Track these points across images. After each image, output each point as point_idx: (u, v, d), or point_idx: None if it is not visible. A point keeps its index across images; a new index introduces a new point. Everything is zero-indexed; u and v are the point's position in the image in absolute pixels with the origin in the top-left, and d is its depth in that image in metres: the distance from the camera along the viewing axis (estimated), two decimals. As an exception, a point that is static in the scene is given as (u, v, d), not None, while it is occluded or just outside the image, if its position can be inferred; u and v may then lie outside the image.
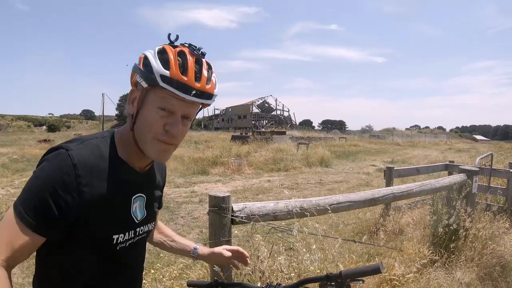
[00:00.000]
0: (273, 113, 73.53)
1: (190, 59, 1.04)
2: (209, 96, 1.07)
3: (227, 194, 2.49)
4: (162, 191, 1.41)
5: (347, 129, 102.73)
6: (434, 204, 4.55)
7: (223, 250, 1.49)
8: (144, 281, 3.48)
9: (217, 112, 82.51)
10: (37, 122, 69.45)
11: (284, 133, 32.84)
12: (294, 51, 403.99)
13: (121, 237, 1.15)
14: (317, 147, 20.94)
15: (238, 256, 1.51)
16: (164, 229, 1.58)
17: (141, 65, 1.05)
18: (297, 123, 78.75)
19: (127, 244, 1.19)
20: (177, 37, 1.08)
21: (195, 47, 1.07)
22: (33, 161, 13.56)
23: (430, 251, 4.11)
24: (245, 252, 1.51)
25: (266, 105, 74.87)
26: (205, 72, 1.06)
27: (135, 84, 1.09)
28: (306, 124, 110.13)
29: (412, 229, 5.13)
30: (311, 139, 29.99)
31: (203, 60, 1.07)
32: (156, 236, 1.54)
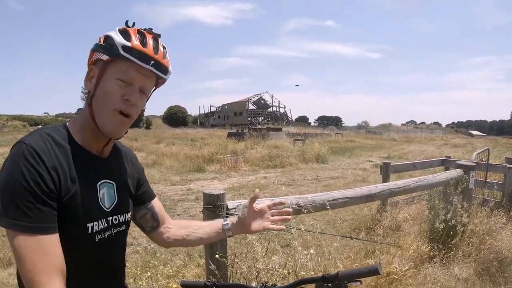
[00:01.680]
0: (269, 109, 73.63)
1: (149, 36, 1.12)
2: (165, 70, 1.14)
3: (221, 192, 2.46)
4: (139, 180, 1.38)
5: (343, 125, 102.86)
6: (431, 199, 4.54)
7: (249, 200, 1.41)
8: (140, 282, 3.45)
9: (213, 109, 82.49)
10: (32, 121, 69.05)
11: (280, 129, 32.81)
12: (290, 47, 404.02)
13: (96, 225, 1.13)
14: (313, 143, 20.89)
15: (275, 213, 1.47)
16: (187, 223, 1.53)
17: (102, 41, 1.11)
18: (293, 120, 78.82)
19: (105, 235, 1.17)
20: (134, 24, 1.15)
21: (151, 29, 1.15)
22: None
23: (428, 247, 4.09)
24: (280, 200, 1.51)
25: (262, 101, 74.93)
26: (161, 48, 1.13)
27: (93, 63, 1.13)
28: (302, 120, 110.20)
29: (409, 225, 5.11)
30: (307, 135, 30.01)
31: (159, 39, 1.15)
32: (180, 232, 1.47)
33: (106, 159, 1.22)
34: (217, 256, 2.44)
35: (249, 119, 65.62)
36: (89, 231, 1.11)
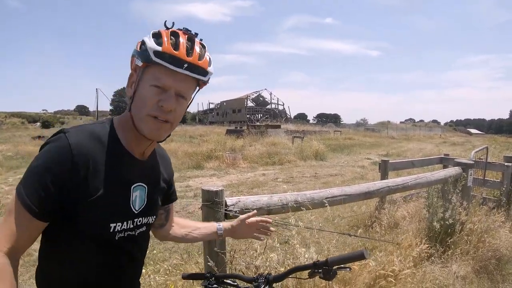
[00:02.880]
0: (267, 106, 73.46)
1: (182, 37, 1.09)
2: (203, 71, 1.11)
3: (220, 188, 2.45)
4: (169, 184, 1.42)
5: (342, 122, 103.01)
6: (430, 197, 4.54)
7: (245, 216, 1.58)
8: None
9: (211, 106, 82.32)
10: (31, 118, 68.92)
11: (279, 126, 32.79)
12: (289, 44, 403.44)
13: (119, 226, 1.16)
14: (312, 141, 20.86)
15: (261, 226, 1.59)
16: (186, 222, 1.61)
17: (139, 47, 1.11)
18: (292, 117, 78.76)
19: (125, 234, 1.19)
20: (173, 24, 1.12)
21: (188, 29, 1.13)
22: (28, 158, 13.41)
23: (426, 245, 4.09)
24: (267, 219, 1.61)
25: (261, 98, 74.79)
26: (197, 49, 1.10)
27: (134, 68, 1.14)
28: (301, 117, 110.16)
29: (408, 222, 5.11)
30: (306, 133, 29.97)
31: (196, 38, 1.12)
32: (180, 231, 1.56)
33: (144, 162, 1.24)
34: (216, 251, 2.43)
35: (247, 116, 65.50)
36: (111, 230, 1.15)
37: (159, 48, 1.05)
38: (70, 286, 1.15)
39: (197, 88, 1.18)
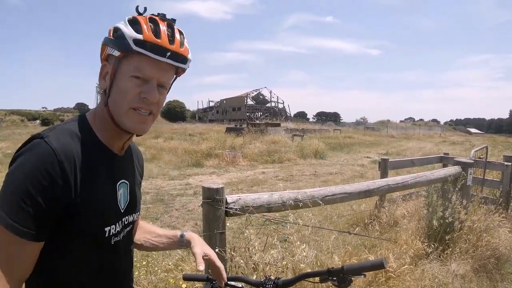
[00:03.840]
0: (267, 105, 73.41)
1: (162, 24, 1.01)
2: (183, 59, 1.05)
3: (221, 186, 2.45)
4: (141, 179, 1.35)
5: (341, 121, 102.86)
6: (429, 196, 4.54)
7: (201, 255, 1.24)
8: (137, 272, 3.45)
9: (211, 104, 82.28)
10: (30, 116, 68.70)
11: (278, 125, 32.75)
12: (290, 43, 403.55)
13: (113, 228, 1.09)
14: (312, 139, 20.89)
15: (215, 269, 1.29)
16: (147, 227, 1.45)
17: (112, 35, 1.03)
18: (292, 115, 78.72)
19: (120, 237, 1.14)
20: (145, 9, 1.05)
21: (164, 14, 1.05)
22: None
23: (425, 243, 4.10)
24: (221, 269, 1.28)
25: (261, 97, 74.74)
26: (177, 36, 1.03)
27: (106, 58, 1.06)
28: (301, 116, 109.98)
29: (407, 221, 5.13)
30: (305, 131, 29.96)
31: (174, 25, 1.05)
32: (140, 237, 1.40)
33: (123, 158, 1.17)
34: (216, 250, 2.44)
35: (247, 114, 65.47)
36: (106, 234, 1.08)
37: (139, 36, 0.97)
38: None
39: (175, 76, 1.12)
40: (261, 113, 69.36)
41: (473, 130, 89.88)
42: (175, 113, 78.04)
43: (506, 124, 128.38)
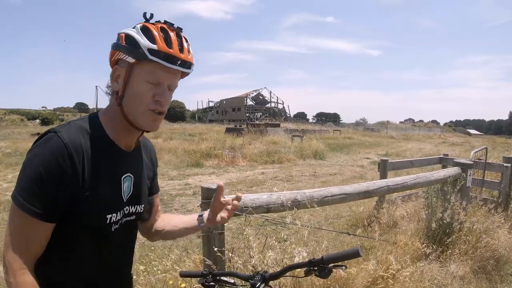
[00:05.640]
0: (267, 105, 73.37)
1: (172, 33, 1.12)
2: (189, 65, 1.16)
3: (219, 186, 2.44)
4: (153, 174, 1.45)
5: (341, 121, 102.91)
6: (429, 197, 4.54)
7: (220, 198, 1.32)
8: (135, 276, 3.44)
9: (211, 104, 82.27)
10: (30, 115, 68.93)
11: (278, 125, 32.83)
12: (290, 42, 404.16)
13: (114, 216, 1.18)
14: (311, 140, 20.90)
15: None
16: (169, 216, 1.57)
17: (124, 42, 1.12)
18: (292, 116, 78.72)
19: (119, 225, 1.22)
20: (152, 15, 1.15)
21: (171, 23, 1.15)
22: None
23: (424, 244, 4.10)
24: (239, 194, 1.35)
25: (261, 97, 74.67)
26: (185, 44, 1.14)
27: (116, 62, 1.15)
28: (301, 116, 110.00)
29: (406, 222, 5.12)
30: (305, 132, 29.98)
31: (182, 33, 1.15)
32: (161, 224, 1.51)
33: (131, 153, 1.25)
34: (215, 249, 2.43)
35: (247, 114, 65.43)
36: (108, 221, 1.17)
37: (154, 46, 1.07)
38: (66, 279, 1.16)
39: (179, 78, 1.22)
40: (260, 114, 69.33)
41: (472, 131, 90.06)
42: (175, 113, 78.13)
43: (506, 125, 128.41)
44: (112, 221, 1.18)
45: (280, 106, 74.29)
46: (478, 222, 4.51)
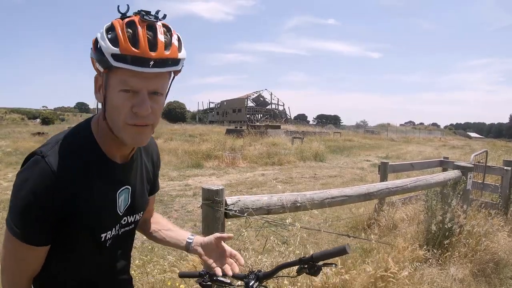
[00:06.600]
0: (268, 107, 73.46)
1: (140, 28, 0.93)
2: (173, 62, 0.97)
3: (220, 187, 2.45)
4: (154, 176, 1.37)
5: (341, 124, 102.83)
6: (429, 200, 4.54)
7: (224, 235, 1.34)
8: (133, 272, 3.45)
9: (211, 105, 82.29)
10: (31, 115, 68.97)
11: (278, 127, 32.83)
12: (291, 44, 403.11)
13: (109, 234, 1.15)
14: (312, 142, 20.93)
15: (231, 255, 1.34)
16: (160, 219, 1.53)
17: (94, 49, 0.97)
18: (292, 118, 78.74)
19: (115, 239, 1.19)
20: (128, 7, 0.97)
21: (147, 12, 0.96)
22: (27, 154, 13.28)
23: (424, 247, 4.10)
24: (238, 255, 1.34)
25: (261, 99, 74.76)
26: (161, 37, 0.94)
27: (97, 70, 1.02)
28: (301, 118, 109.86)
29: (406, 224, 5.12)
30: (305, 134, 30.03)
31: (157, 24, 0.96)
32: (152, 226, 1.49)
33: (127, 165, 1.16)
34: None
35: (247, 116, 65.47)
36: (102, 239, 1.13)
37: (116, 50, 0.91)
38: (66, 279, 1.16)
39: (172, 76, 1.06)
40: (261, 115, 69.36)
41: (473, 134, 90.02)
42: (175, 114, 78.12)
43: (506, 129, 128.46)
44: (107, 238, 1.14)
45: (280, 108, 74.40)
46: (478, 225, 4.51)
